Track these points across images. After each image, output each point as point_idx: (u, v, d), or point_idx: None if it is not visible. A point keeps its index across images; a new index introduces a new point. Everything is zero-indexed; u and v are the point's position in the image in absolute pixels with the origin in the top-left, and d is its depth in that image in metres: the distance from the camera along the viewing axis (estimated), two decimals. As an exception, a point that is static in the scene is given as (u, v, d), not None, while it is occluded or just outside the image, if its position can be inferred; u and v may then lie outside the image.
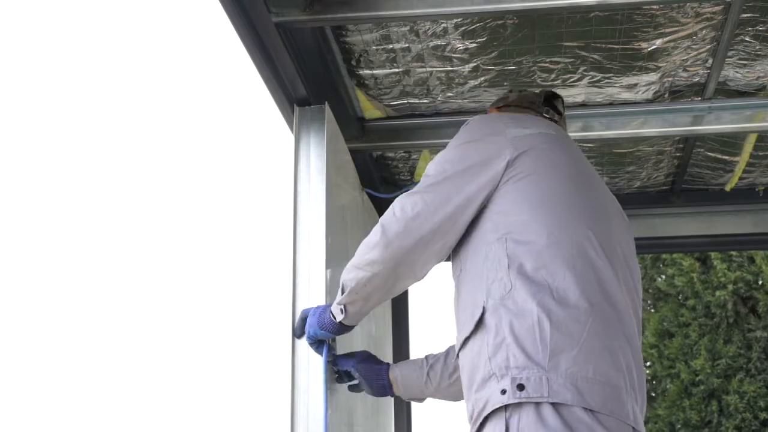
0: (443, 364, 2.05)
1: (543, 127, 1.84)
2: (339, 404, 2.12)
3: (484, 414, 1.59)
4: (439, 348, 2.10)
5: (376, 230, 1.75)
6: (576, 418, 1.51)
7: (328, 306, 1.94)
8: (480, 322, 1.65)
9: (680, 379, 7.61)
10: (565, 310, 1.59)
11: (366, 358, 2.09)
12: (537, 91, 2.08)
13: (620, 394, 1.58)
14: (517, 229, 1.68)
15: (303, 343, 2.04)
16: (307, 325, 1.98)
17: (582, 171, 1.83)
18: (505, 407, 1.55)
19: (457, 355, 1.76)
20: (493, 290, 1.65)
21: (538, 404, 1.52)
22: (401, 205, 1.74)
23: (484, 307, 1.65)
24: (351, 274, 1.80)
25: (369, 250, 1.76)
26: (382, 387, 2.08)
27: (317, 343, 1.99)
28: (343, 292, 1.83)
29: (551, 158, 1.77)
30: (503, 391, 1.55)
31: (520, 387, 1.54)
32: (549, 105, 2.03)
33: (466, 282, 1.75)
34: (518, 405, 1.53)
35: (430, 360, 2.08)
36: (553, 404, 1.52)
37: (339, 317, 1.87)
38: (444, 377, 2.05)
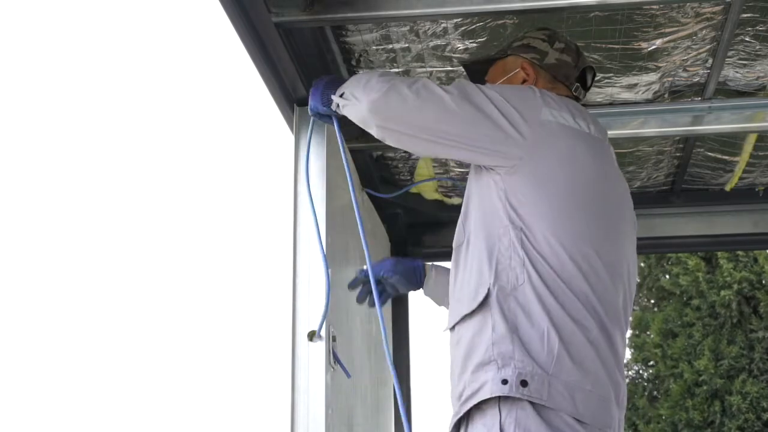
0: None
1: (577, 118, 1.81)
2: (339, 404, 2.12)
3: (478, 398, 1.59)
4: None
5: (381, 87, 1.82)
6: (567, 426, 1.54)
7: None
8: (484, 304, 1.65)
9: (683, 379, 7.60)
10: (572, 325, 1.61)
11: (397, 259, 2.23)
12: (574, 57, 2.00)
13: (610, 407, 1.62)
14: (534, 230, 1.68)
15: (303, 343, 2.03)
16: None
17: (604, 174, 1.80)
18: (499, 398, 1.55)
19: (452, 328, 1.76)
20: (503, 276, 1.65)
21: (534, 404, 1.53)
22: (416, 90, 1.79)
23: (489, 289, 1.65)
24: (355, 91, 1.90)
25: (365, 94, 1.85)
26: (417, 279, 2.20)
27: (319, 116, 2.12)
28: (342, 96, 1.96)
29: (575, 159, 1.75)
30: (504, 381, 1.56)
31: (524, 383, 1.55)
32: (581, 81, 2.01)
33: (472, 254, 1.74)
34: (516, 400, 1.54)
35: None
36: (548, 408, 1.54)
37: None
38: None
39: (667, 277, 8.23)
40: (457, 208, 3.38)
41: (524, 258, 1.66)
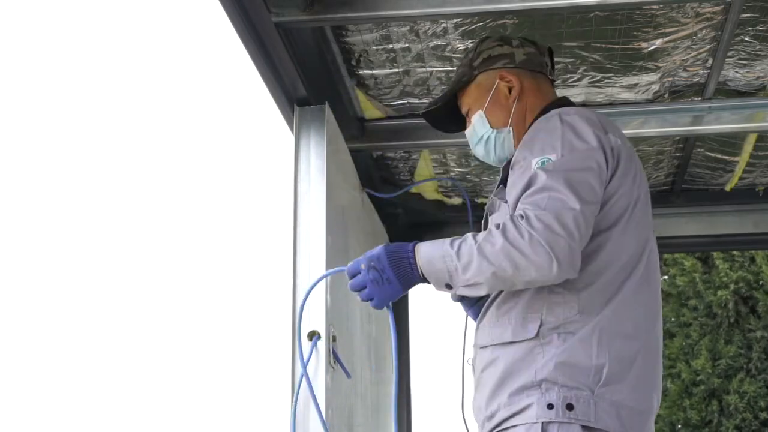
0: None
1: (616, 132, 1.78)
2: (339, 404, 2.12)
3: (515, 422, 1.59)
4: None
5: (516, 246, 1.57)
6: None
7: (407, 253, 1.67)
8: (536, 336, 1.63)
9: (681, 379, 7.61)
10: (620, 341, 1.61)
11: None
12: (533, 46, 1.96)
13: (648, 419, 1.66)
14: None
15: (303, 343, 2.03)
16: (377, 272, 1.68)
17: (642, 181, 1.77)
18: (543, 423, 1.56)
19: (484, 346, 1.73)
20: (557, 310, 1.63)
21: (585, 427, 1.55)
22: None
23: (541, 323, 1.63)
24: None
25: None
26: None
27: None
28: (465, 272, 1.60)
29: (633, 180, 1.72)
30: (550, 406, 1.56)
31: (569, 407, 1.55)
32: (552, 64, 2.00)
33: None
34: (563, 423, 1.55)
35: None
36: (596, 429, 1.55)
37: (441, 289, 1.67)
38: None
39: (665, 278, 8.24)
40: (458, 208, 3.38)
41: (578, 286, 1.63)
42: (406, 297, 3.21)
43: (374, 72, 2.40)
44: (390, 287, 1.68)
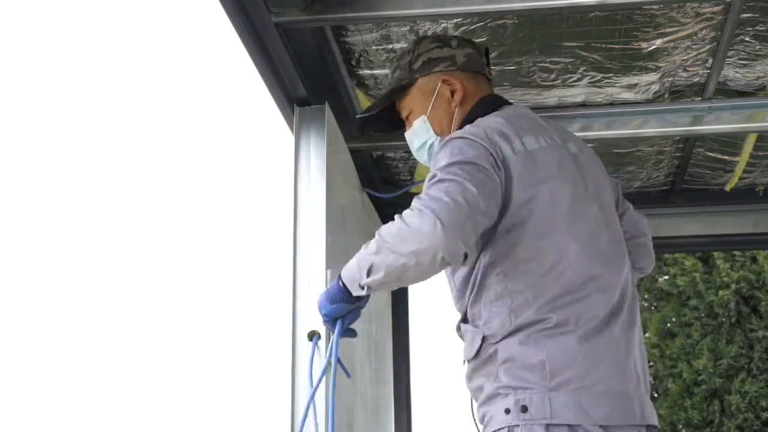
0: None
1: (530, 133, 1.77)
2: (339, 404, 2.12)
3: (490, 428, 1.63)
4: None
5: (403, 227, 1.59)
6: None
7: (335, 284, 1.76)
8: (484, 352, 1.66)
9: (682, 379, 7.60)
10: (558, 330, 1.60)
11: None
12: (472, 46, 1.97)
13: (628, 400, 1.61)
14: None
15: (303, 343, 2.03)
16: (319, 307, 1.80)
17: (567, 172, 1.76)
18: (509, 428, 1.57)
19: (467, 362, 1.76)
20: (501, 324, 1.65)
21: (546, 425, 1.54)
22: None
23: (484, 337, 1.66)
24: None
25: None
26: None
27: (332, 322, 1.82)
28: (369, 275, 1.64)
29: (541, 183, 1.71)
30: (507, 411, 1.58)
31: (524, 409, 1.56)
32: (488, 61, 2.01)
33: (487, 300, 1.70)
34: (526, 425, 1.55)
35: None
36: (559, 425, 1.54)
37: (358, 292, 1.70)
38: None
39: (665, 277, 8.23)
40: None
41: (510, 301, 1.66)
42: (406, 297, 3.22)
43: (374, 72, 2.40)
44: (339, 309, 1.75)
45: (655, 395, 8.10)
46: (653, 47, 2.27)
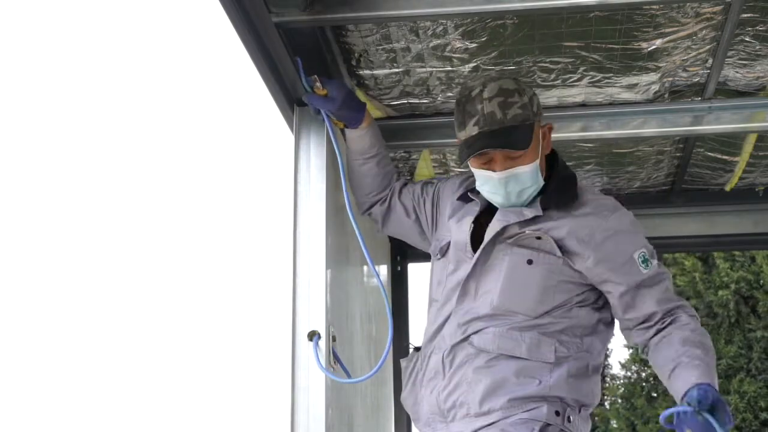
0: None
1: None
2: (339, 404, 2.12)
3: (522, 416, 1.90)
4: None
5: None
6: None
7: None
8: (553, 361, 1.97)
9: (681, 379, 7.61)
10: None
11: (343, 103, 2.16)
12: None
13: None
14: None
15: (303, 343, 2.03)
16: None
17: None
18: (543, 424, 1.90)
19: (485, 350, 1.97)
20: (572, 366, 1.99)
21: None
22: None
23: (556, 349, 1.97)
24: None
25: None
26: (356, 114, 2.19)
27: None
28: None
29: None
30: (557, 413, 1.93)
31: (569, 419, 1.96)
32: None
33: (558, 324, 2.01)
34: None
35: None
36: None
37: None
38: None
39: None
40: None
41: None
42: (406, 297, 3.23)
43: (374, 72, 2.40)
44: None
45: (655, 395, 8.11)
46: (653, 47, 2.27)
